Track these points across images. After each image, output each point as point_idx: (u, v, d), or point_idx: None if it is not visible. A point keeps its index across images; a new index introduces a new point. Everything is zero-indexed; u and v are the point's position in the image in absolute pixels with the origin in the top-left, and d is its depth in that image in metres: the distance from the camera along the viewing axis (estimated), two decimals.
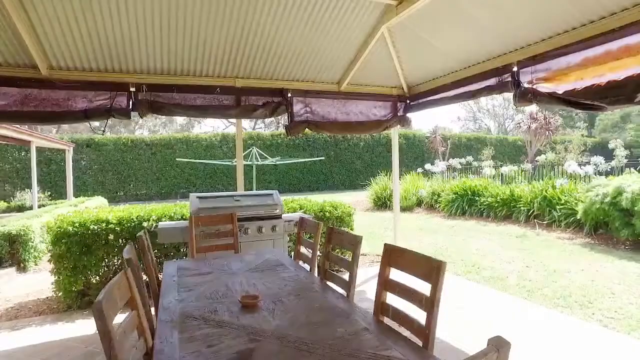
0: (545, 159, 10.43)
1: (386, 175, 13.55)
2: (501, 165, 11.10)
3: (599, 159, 8.46)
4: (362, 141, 22.23)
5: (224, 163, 14.83)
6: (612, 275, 4.99)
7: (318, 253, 2.64)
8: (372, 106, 5.46)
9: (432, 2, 3.62)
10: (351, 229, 5.51)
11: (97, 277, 4.36)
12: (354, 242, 2.17)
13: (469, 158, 12.67)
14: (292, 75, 4.85)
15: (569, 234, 7.35)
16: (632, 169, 8.03)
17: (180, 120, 38.98)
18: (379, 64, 5.02)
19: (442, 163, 12.82)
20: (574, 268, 5.32)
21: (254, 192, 4.47)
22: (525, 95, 3.66)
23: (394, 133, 5.96)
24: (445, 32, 4.17)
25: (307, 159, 17.49)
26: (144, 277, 2.78)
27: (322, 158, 18.28)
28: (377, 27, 4.27)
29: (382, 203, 12.60)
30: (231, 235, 3.54)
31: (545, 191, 8.27)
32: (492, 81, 4.11)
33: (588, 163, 8.57)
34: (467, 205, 9.92)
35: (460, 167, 12.50)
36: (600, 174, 8.55)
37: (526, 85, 3.70)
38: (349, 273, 2.16)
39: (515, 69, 3.80)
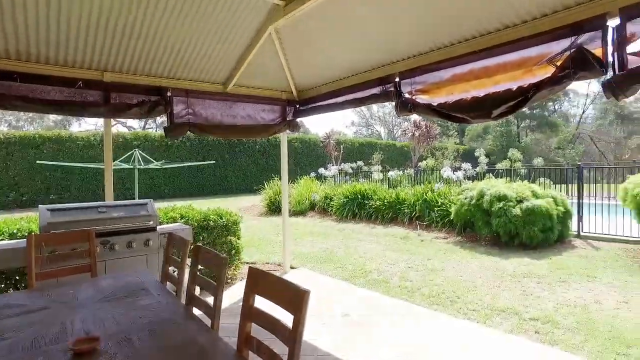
0: (426, 165, 11.41)
1: (281, 179, 13.46)
2: (388, 170, 11.81)
3: (467, 165, 9.53)
4: (257, 144, 21.85)
5: (89, 166, 12.93)
6: (475, 270, 5.56)
7: (186, 275, 2.33)
8: (260, 109, 5.26)
9: (320, 6, 3.57)
10: (238, 238, 5.23)
11: None
12: (219, 263, 1.92)
13: (360, 163, 13.25)
14: (172, 72, 4.39)
15: (444, 233, 8.10)
16: (491, 175, 9.24)
17: (53, 115, 33.77)
18: (268, 66, 4.85)
19: (334, 167, 13.20)
20: (447, 266, 5.82)
21: (124, 202, 3.90)
22: (405, 105, 3.81)
23: (283, 137, 5.85)
24: (335, 39, 4.18)
25: (196, 163, 16.48)
26: None
27: (213, 162, 17.41)
28: (264, 27, 4.09)
29: (276, 207, 12.48)
30: (88, 256, 2.99)
31: (425, 194, 9.01)
32: (377, 90, 4.22)
33: (459, 169, 9.58)
34: (357, 208, 10.32)
35: (352, 171, 13.02)
36: (469, 178, 9.63)
37: (407, 96, 3.86)
38: (214, 299, 1.90)
39: (397, 79, 3.94)
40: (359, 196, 10.47)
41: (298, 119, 5.55)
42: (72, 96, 3.85)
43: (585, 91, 43.17)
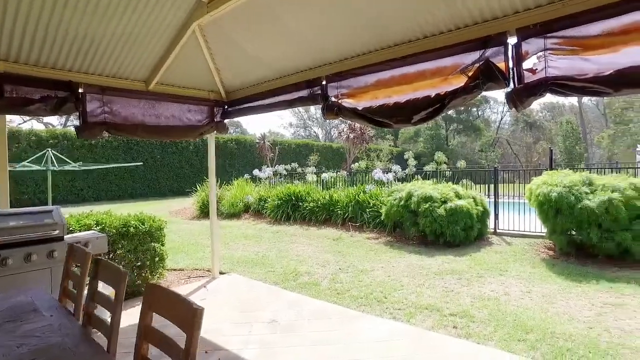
0: (358, 166, 11.69)
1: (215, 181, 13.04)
2: (323, 171, 11.94)
3: (397, 167, 9.93)
4: (191, 144, 20.98)
5: None
6: (403, 269, 5.79)
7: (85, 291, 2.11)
8: (186, 110, 5.02)
9: (245, 6, 3.48)
10: (162, 245, 4.94)
11: None
12: (117, 278, 1.76)
13: (294, 164, 13.25)
14: (85, 67, 4.01)
15: (375, 234, 8.34)
16: (419, 176, 9.73)
17: None
18: (193, 65, 4.64)
19: (268, 169, 13.06)
20: (376, 266, 5.98)
21: (24, 209, 3.48)
22: (332, 109, 3.84)
23: (211, 139, 5.65)
24: (262, 40, 4.10)
25: (120, 164, 15.39)
26: None
27: (140, 163, 16.38)
28: (188, 23, 3.91)
29: (209, 210, 12.05)
30: None
31: (358, 196, 9.22)
32: (304, 92, 4.21)
33: (390, 170, 9.94)
34: (291, 210, 10.29)
35: (286, 172, 12.97)
36: (399, 180, 10.04)
37: (333, 99, 3.88)
38: (111, 318, 1.73)
39: (324, 82, 3.96)
40: (293, 198, 10.45)
41: (226, 120, 5.39)
42: None
43: (503, 99, 47.32)
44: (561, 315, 3.96)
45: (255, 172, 13.22)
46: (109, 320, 1.81)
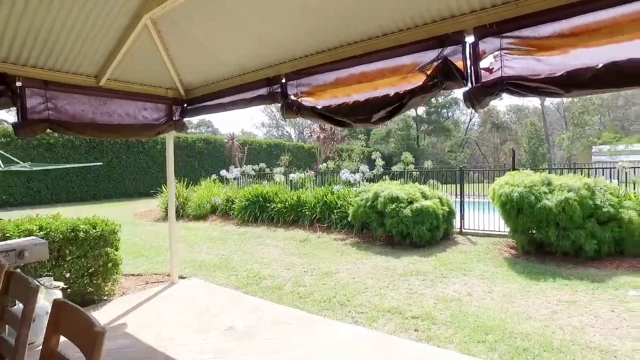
0: (326, 167, 11.61)
1: (181, 181, 12.67)
2: (292, 172, 11.79)
3: (365, 168, 9.92)
4: (159, 143, 20.32)
5: None
6: (368, 270, 5.73)
7: None
8: (141, 107, 4.77)
9: None
10: (116, 249, 4.67)
11: None
12: (27, 294, 1.56)
13: (262, 164, 13.03)
14: (23, 58, 3.69)
15: (343, 235, 8.27)
16: (386, 177, 9.75)
17: None
18: (148, 61, 4.40)
19: (236, 169, 12.79)
20: (341, 268, 5.90)
21: None
22: (291, 108, 3.72)
23: (169, 138, 5.42)
24: (220, 37, 3.94)
25: (78, 165, 14.67)
26: None
27: (100, 163, 15.68)
28: (138, 16, 3.68)
29: (175, 212, 11.69)
30: None
31: (326, 197, 9.14)
32: (263, 91, 4.08)
33: (358, 171, 9.91)
34: (259, 211, 10.09)
35: (254, 173, 12.73)
36: (367, 180, 10.02)
37: (292, 98, 3.77)
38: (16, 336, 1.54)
39: (283, 80, 3.84)
40: (261, 199, 10.25)
41: (186, 119, 5.17)
42: None
43: None
44: (520, 314, 3.99)
45: (223, 172, 12.92)
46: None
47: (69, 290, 4.15)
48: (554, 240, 5.85)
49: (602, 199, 5.93)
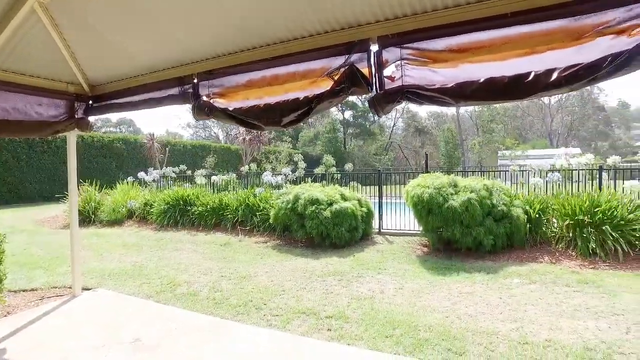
0: (249, 169, 11.45)
1: (92, 184, 11.64)
2: (215, 174, 11.43)
3: (287, 170, 9.95)
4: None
5: None
6: (287, 272, 5.75)
7: None
8: (35, 103, 4.28)
9: None
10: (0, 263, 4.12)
11: None
12: None
13: (183, 166, 12.46)
14: None
15: (265, 237, 8.20)
16: (309, 179, 9.88)
17: None
18: (41, 50, 3.96)
19: (156, 172, 12.08)
20: (260, 271, 5.84)
21: None
22: (202, 109, 3.60)
23: (71, 138, 4.95)
24: (129, 32, 3.65)
25: None
26: None
27: None
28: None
29: (85, 217, 10.73)
30: None
31: (248, 199, 8.99)
32: (175, 90, 3.89)
33: (280, 173, 9.91)
34: (179, 215, 9.64)
35: (175, 175, 12.13)
36: (291, 183, 10.05)
37: (204, 99, 3.64)
38: None
39: (195, 80, 3.71)
40: (182, 202, 9.80)
41: (91, 117, 4.75)
42: None
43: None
44: (425, 308, 4.27)
45: (141, 174, 12.11)
46: None
47: None
48: (459, 237, 6.36)
49: (497, 198, 6.59)
